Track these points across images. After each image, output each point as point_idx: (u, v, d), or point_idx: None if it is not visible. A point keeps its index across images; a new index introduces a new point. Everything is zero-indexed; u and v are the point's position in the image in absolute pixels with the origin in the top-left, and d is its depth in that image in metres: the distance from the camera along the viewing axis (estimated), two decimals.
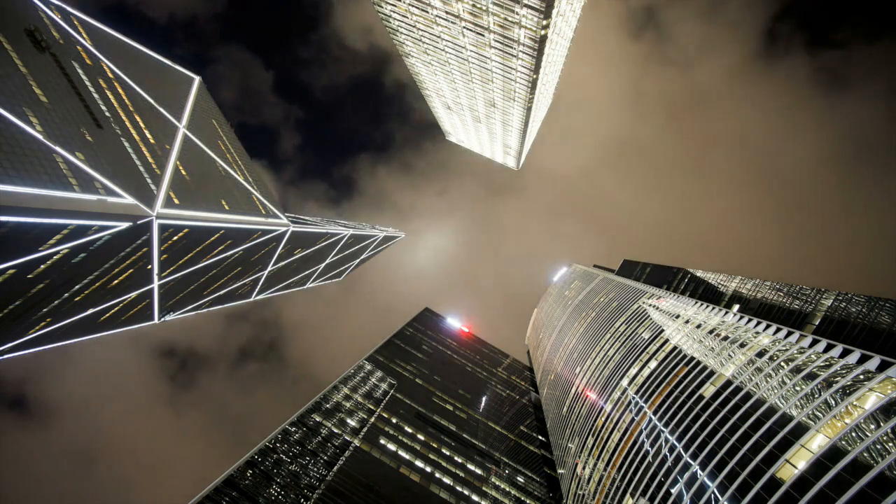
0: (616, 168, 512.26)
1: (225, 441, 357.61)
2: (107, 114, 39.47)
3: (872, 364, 32.32)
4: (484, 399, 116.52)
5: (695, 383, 48.87)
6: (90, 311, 44.36)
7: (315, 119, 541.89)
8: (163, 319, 61.02)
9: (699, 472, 39.37)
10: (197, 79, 66.52)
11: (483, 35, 66.74)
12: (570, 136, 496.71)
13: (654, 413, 52.58)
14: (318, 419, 73.14)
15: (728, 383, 44.22)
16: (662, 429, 49.13)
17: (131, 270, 42.80)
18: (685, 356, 55.30)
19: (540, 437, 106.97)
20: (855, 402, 31.05)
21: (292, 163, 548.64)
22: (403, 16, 75.43)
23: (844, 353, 35.45)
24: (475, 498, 74.87)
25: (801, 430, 32.76)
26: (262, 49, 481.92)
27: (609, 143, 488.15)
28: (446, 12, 66.75)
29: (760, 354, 43.68)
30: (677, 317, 65.55)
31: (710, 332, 54.96)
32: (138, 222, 36.31)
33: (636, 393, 60.08)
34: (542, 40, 59.57)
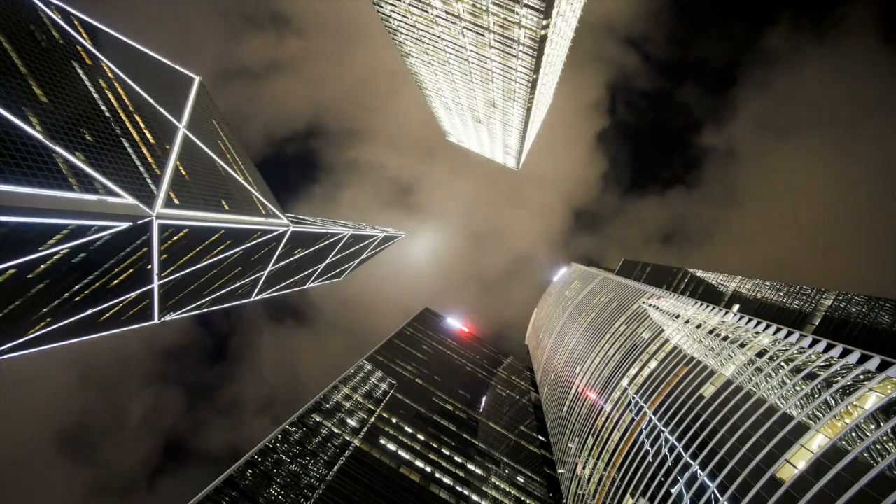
0: (616, 167, 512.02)
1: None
2: (107, 114, 39.50)
3: (872, 364, 32.33)
4: (484, 399, 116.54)
5: (695, 383, 48.87)
6: (90, 311, 44.41)
7: None
8: (163, 319, 61.04)
9: (699, 472, 39.37)
10: (197, 79, 66.61)
11: (483, 35, 66.77)
12: (569, 135, 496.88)
13: (654, 413, 52.58)
14: (318, 419, 73.17)
15: (728, 383, 44.22)
16: (662, 429, 49.13)
17: (131, 270, 42.88)
18: (685, 356, 55.30)
19: (540, 437, 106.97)
20: (855, 402, 31.06)
21: None
22: (403, 16, 75.46)
23: (844, 353, 35.46)
24: (475, 498, 74.88)
25: (801, 430, 32.76)
26: None
27: (608, 143, 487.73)
28: (446, 12, 66.79)
29: (760, 354, 43.69)
30: (677, 317, 65.55)
31: (710, 332, 54.96)
32: (138, 222, 36.38)
33: (636, 393, 60.08)
34: (542, 40, 59.60)
